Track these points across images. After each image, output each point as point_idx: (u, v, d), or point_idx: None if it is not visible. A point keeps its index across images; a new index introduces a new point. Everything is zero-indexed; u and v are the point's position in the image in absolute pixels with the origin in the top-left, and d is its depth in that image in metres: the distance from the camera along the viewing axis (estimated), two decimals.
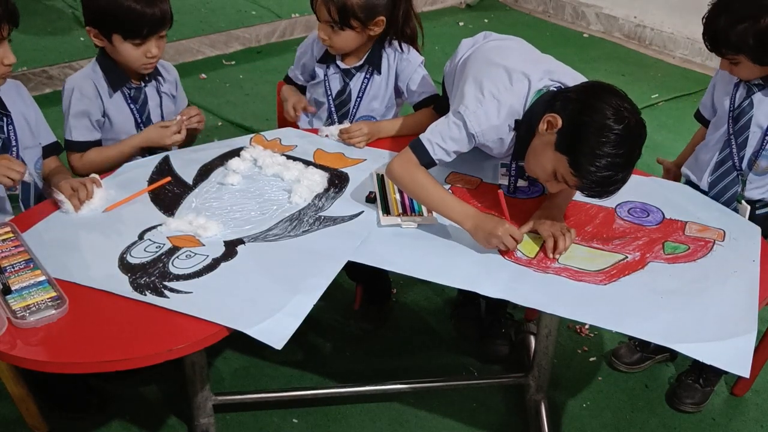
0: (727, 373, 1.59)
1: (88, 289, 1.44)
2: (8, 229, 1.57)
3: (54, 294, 1.40)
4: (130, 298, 1.42)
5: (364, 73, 2.13)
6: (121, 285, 1.45)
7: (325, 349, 2.30)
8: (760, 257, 1.68)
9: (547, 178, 1.64)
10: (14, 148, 1.76)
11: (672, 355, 2.30)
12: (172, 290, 1.45)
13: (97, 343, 1.33)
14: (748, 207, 1.90)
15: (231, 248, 1.60)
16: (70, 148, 1.95)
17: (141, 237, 1.61)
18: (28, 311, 1.35)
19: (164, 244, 1.59)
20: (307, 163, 1.95)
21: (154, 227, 1.65)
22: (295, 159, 1.95)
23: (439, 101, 2.14)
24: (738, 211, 1.90)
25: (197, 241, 1.61)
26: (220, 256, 1.57)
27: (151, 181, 1.82)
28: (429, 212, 1.76)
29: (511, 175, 1.89)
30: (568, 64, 1.82)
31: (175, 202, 1.76)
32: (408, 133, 2.10)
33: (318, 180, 1.86)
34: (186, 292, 1.45)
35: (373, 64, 2.12)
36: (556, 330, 1.97)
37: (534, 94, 1.69)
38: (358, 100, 2.15)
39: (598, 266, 1.63)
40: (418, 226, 1.73)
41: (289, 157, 1.96)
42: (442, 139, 1.70)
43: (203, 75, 3.96)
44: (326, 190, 1.85)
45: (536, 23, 5.22)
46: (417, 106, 2.19)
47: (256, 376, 2.17)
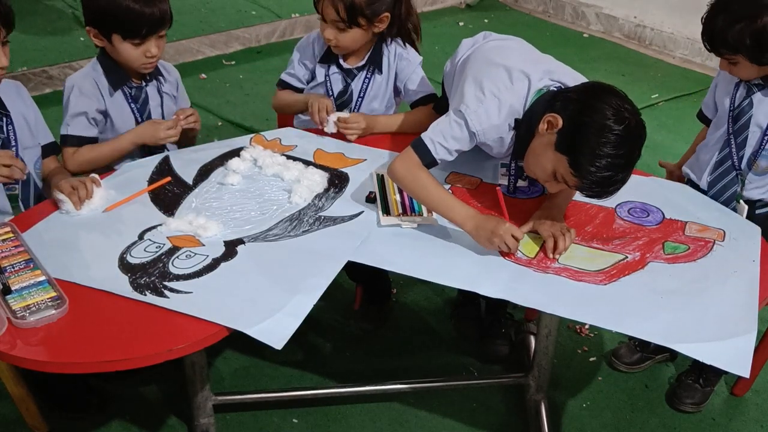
0: (727, 373, 1.59)
1: (88, 289, 1.44)
2: (8, 229, 1.57)
3: (54, 294, 1.40)
4: (130, 298, 1.42)
5: (366, 72, 2.13)
6: (121, 285, 1.45)
7: (325, 349, 2.30)
8: (760, 257, 1.68)
9: (547, 178, 1.64)
10: (14, 148, 1.76)
11: (672, 355, 2.29)
12: (172, 290, 1.45)
13: (97, 343, 1.33)
14: (746, 207, 1.90)
15: (231, 248, 1.60)
16: (65, 143, 1.94)
17: (141, 237, 1.61)
18: (28, 311, 1.35)
19: (164, 244, 1.59)
20: (307, 163, 1.95)
21: (154, 227, 1.65)
22: (295, 159, 1.95)
23: (437, 101, 2.14)
24: (736, 210, 1.90)
25: (197, 241, 1.61)
26: (220, 256, 1.57)
27: (151, 181, 1.82)
28: (429, 212, 1.76)
29: (511, 175, 1.89)
30: (568, 64, 1.82)
31: (175, 202, 1.76)
32: (405, 131, 2.10)
33: (318, 180, 1.86)
34: (186, 292, 1.45)
35: (375, 63, 2.12)
36: (556, 330, 1.97)
37: (534, 94, 1.69)
38: (359, 100, 2.15)
39: (598, 266, 1.63)
40: (418, 226, 1.73)
41: (289, 157, 1.96)
42: (443, 138, 1.70)
43: (203, 75, 3.96)
44: (326, 190, 1.85)
45: (536, 23, 5.22)
46: (414, 105, 2.19)
47: (256, 376, 2.17)
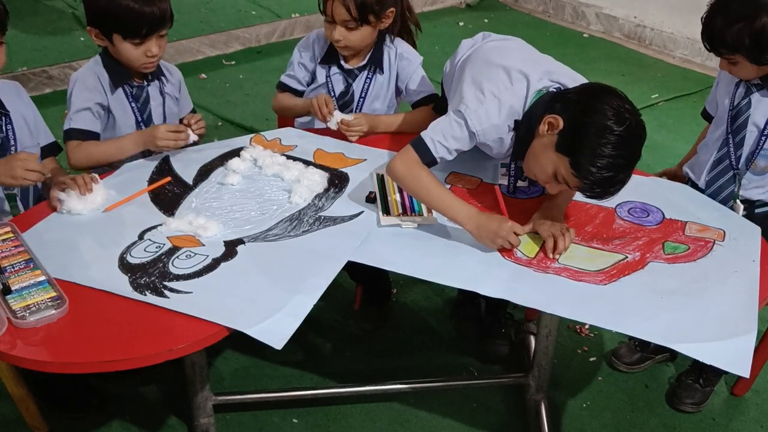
0: (727, 373, 1.59)
1: (88, 289, 1.44)
2: (8, 229, 1.57)
3: (54, 294, 1.40)
4: (130, 298, 1.42)
5: (367, 72, 2.13)
6: (121, 285, 1.45)
7: (325, 349, 2.30)
8: (760, 257, 1.68)
9: (547, 179, 1.64)
10: (13, 148, 1.76)
11: (672, 355, 2.29)
12: (172, 290, 1.45)
13: (97, 343, 1.33)
14: (742, 206, 1.90)
15: (231, 248, 1.60)
16: (69, 137, 1.90)
17: (141, 237, 1.61)
18: (28, 311, 1.35)
19: (164, 244, 1.59)
20: (307, 163, 1.95)
21: (154, 227, 1.65)
22: (295, 159, 1.95)
23: (437, 101, 2.14)
24: (733, 210, 1.90)
25: (197, 241, 1.61)
26: (220, 256, 1.57)
27: (151, 181, 1.82)
28: (429, 212, 1.76)
29: (511, 176, 1.89)
30: (568, 64, 1.82)
31: (175, 202, 1.76)
32: (406, 130, 2.10)
33: (318, 180, 1.86)
34: (186, 292, 1.45)
35: (376, 63, 2.12)
36: (556, 330, 1.97)
37: (533, 95, 1.69)
38: (361, 100, 2.15)
39: (598, 266, 1.63)
40: (418, 226, 1.73)
41: (289, 157, 1.96)
42: (444, 137, 1.70)
43: (203, 75, 3.96)
44: (326, 190, 1.85)
45: (536, 23, 5.22)
46: (415, 105, 2.19)
47: (256, 376, 2.17)
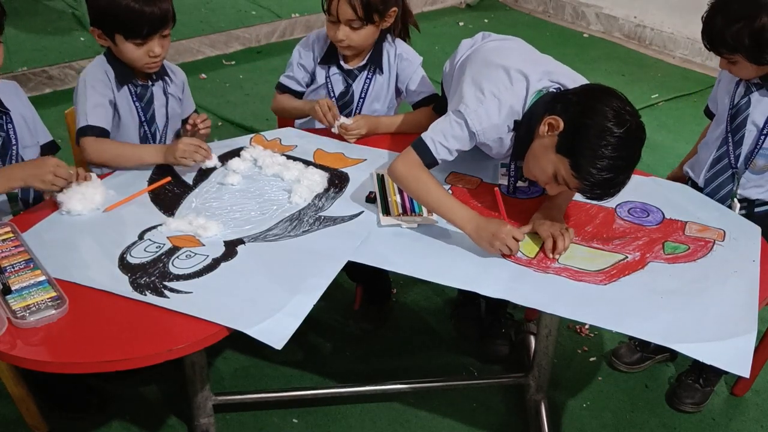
0: (727, 373, 1.59)
1: (88, 289, 1.44)
2: (8, 229, 1.57)
3: (54, 294, 1.40)
4: (130, 298, 1.42)
5: (367, 72, 2.12)
6: (121, 285, 1.45)
7: (325, 349, 2.30)
8: (760, 257, 1.68)
9: (547, 180, 1.64)
10: (14, 147, 1.76)
11: (672, 355, 2.30)
12: (172, 290, 1.45)
13: (97, 343, 1.33)
14: (739, 205, 1.91)
15: (231, 248, 1.60)
16: (84, 133, 1.85)
17: (141, 237, 1.61)
18: (28, 311, 1.35)
19: (164, 244, 1.59)
20: (307, 163, 1.95)
21: (154, 227, 1.65)
22: (295, 159, 1.95)
23: (438, 101, 2.14)
24: (731, 209, 1.90)
25: (197, 241, 1.61)
26: (220, 256, 1.57)
27: (151, 181, 1.82)
28: (429, 212, 1.76)
29: (511, 176, 1.89)
30: (568, 64, 1.82)
31: (175, 202, 1.76)
32: (407, 131, 2.10)
33: (318, 180, 1.86)
34: (186, 292, 1.45)
35: (376, 63, 2.12)
36: (556, 330, 1.97)
37: (533, 95, 1.69)
38: (361, 101, 2.15)
39: (598, 266, 1.63)
40: (418, 226, 1.73)
41: (289, 157, 1.96)
42: (444, 138, 1.70)
43: (203, 75, 3.96)
44: (326, 190, 1.85)
45: (536, 23, 5.22)
46: (416, 106, 2.19)
47: (256, 376, 2.17)
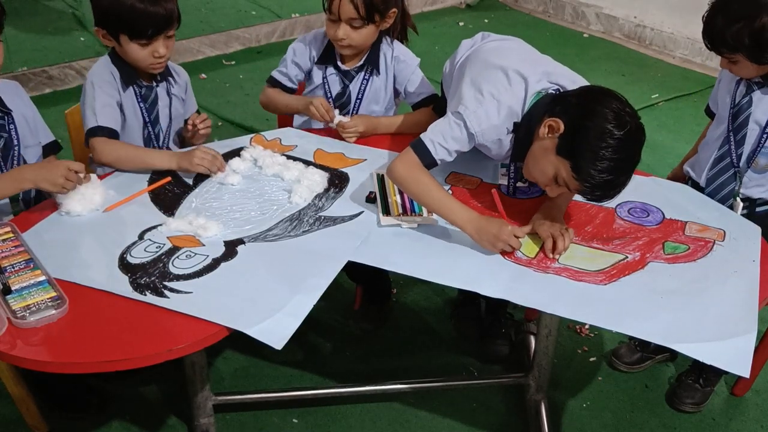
0: (727, 373, 1.59)
1: (88, 289, 1.44)
2: (8, 229, 1.57)
3: (54, 294, 1.40)
4: (130, 298, 1.42)
5: (364, 73, 2.12)
6: (121, 285, 1.45)
7: (325, 349, 2.30)
8: (760, 257, 1.68)
9: (548, 182, 1.64)
10: (16, 147, 1.76)
11: (672, 355, 2.30)
12: (172, 290, 1.45)
13: (97, 343, 1.33)
14: (741, 204, 1.91)
15: (231, 248, 1.60)
16: (94, 134, 1.84)
17: (141, 237, 1.61)
18: (28, 311, 1.35)
19: (164, 244, 1.59)
20: (307, 163, 1.95)
21: (154, 227, 1.65)
22: (295, 159, 1.95)
23: (437, 102, 2.14)
24: (733, 208, 1.90)
25: (197, 241, 1.61)
26: (220, 256, 1.57)
27: (151, 181, 1.82)
28: (429, 212, 1.76)
29: (510, 177, 1.88)
30: (568, 64, 1.82)
31: (175, 202, 1.76)
32: (406, 132, 2.10)
33: (318, 180, 1.86)
34: (186, 292, 1.45)
35: (373, 64, 2.11)
36: (556, 330, 1.97)
37: (532, 96, 1.69)
38: (358, 102, 2.15)
39: (598, 266, 1.63)
40: (418, 226, 1.73)
41: (289, 157, 1.95)
42: (443, 139, 1.70)
43: (203, 75, 3.97)
44: (326, 190, 1.85)
45: (536, 23, 5.22)
46: (415, 107, 2.19)
47: (256, 376, 2.17)
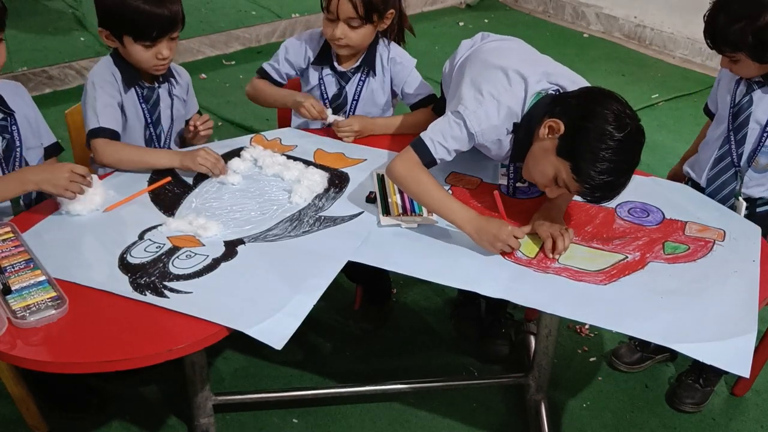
0: (727, 373, 1.59)
1: (88, 289, 1.44)
2: (8, 229, 1.57)
3: (54, 294, 1.40)
4: (130, 298, 1.42)
5: (360, 74, 2.12)
6: (121, 285, 1.45)
7: (325, 349, 2.30)
8: (760, 257, 1.68)
9: (547, 183, 1.64)
10: (18, 149, 1.76)
11: (672, 355, 2.30)
12: (172, 290, 1.45)
13: (97, 343, 1.33)
14: (744, 203, 1.91)
15: (231, 248, 1.60)
16: (96, 135, 1.84)
17: (141, 237, 1.61)
18: (28, 311, 1.35)
19: (164, 244, 1.59)
20: (308, 163, 1.95)
21: (154, 227, 1.65)
22: (295, 159, 1.95)
23: (436, 101, 2.14)
24: (735, 207, 1.90)
25: (197, 241, 1.61)
26: (220, 256, 1.57)
27: (151, 181, 1.82)
28: (429, 212, 1.76)
29: (510, 178, 1.88)
30: (568, 64, 1.82)
31: (175, 202, 1.76)
32: (405, 132, 2.10)
33: (318, 180, 1.86)
34: (186, 292, 1.45)
35: (369, 65, 2.11)
36: (556, 330, 1.97)
37: (532, 97, 1.69)
38: (354, 103, 2.14)
39: (598, 266, 1.63)
40: (418, 226, 1.73)
41: (289, 157, 1.96)
42: (443, 138, 1.70)
43: (203, 75, 3.96)
44: (326, 190, 1.85)
45: (536, 23, 5.22)
46: (413, 107, 2.19)
47: (256, 376, 2.17)
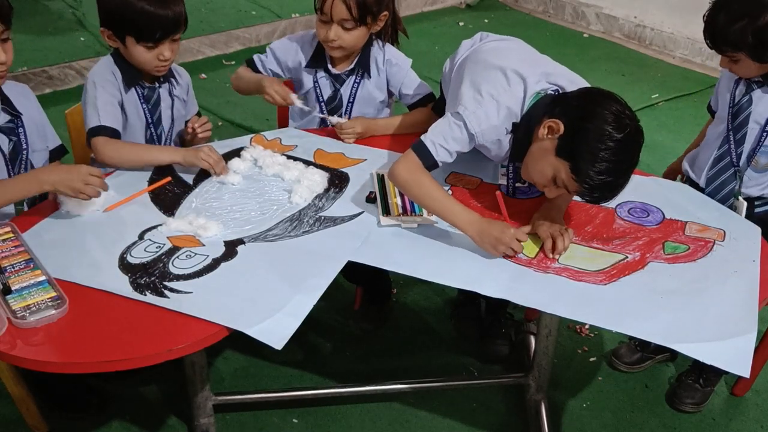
0: (727, 373, 1.59)
1: (88, 289, 1.44)
2: (8, 229, 1.57)
3: (54, 294, 1.40)
4: (130, 298, 1.42)
5: (355, 77, 2.11)
6: (121, 285, 1.45)
7: (325, 349, 2.30)
8: (760, 257, 1.68)
9: (546, 183, 1.64)
10: (24, 151, 1.76)
11: (672, 355, 2.30)
12: (172, 290, 1.45)
13: (97, 343, 1.33)
14: (745, 203, 1.91)
15: (231, 248, 1.60)
16: (97, 133, 1.83)
17: (141, 237, 1.61)
18: (28, 311, 1.35)
19: (164, 244, 1.59)
20: (308, 163, 1.95)
21: (155, 227, 1.65)
22: (295, 159, 1.95)
23: (435, 100, 2.14)
24: (735, 207, 1.90)
25: (197, 241, 1.61)
26: (220, 256, 1.57)
27: (151, 181, 1.82)
28: (429, 213, 1.75)
29: (510, 178, 1.88)
30: (568, 64, 1.82)
31: (175, 202, 1.76)
32: (405, 132, 2.10)
33: (318, 180, 1.86)
34: (186, 292, 1.45)
35: (364, 67, 2.11)
36: (556, 330, 1.97)
37: (531, 97, 1.69)
38: (350, 105, 2.14)
39: (599, 266, 1.63)
40: (418, 226, 1.73)
41: (289, 157, 1.96)
42: (444, 140, 1.70)
43: (203, 75, 3.96)
44: (326, 191, 1.85)
45: (536, 23, 5.22)
46: (412, 107, 2.19)
47: (256, 376, 2.17)
